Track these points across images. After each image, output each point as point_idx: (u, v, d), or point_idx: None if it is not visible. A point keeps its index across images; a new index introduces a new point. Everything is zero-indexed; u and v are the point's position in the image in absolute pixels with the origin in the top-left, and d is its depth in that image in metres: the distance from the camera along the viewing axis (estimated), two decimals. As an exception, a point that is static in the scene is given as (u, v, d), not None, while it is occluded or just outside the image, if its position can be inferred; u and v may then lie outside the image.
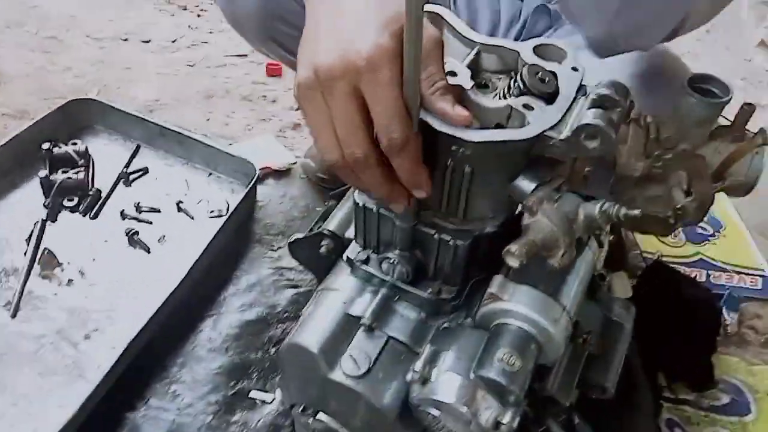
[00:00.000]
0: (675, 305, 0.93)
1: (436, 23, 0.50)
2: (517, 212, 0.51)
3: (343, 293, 0.55)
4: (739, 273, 1.07)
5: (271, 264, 0.97)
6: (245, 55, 1.43)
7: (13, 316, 0.85)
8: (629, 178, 0.51)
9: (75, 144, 1.06)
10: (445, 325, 0.55)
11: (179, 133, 1.09)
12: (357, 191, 0.53)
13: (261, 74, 1.37)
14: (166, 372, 0.83)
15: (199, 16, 1.54)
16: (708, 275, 1.06)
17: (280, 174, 1.11)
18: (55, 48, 1.35)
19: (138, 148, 1.12)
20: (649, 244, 1.11)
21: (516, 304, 0.50)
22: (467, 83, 0.44)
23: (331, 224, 0.59)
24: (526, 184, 0.46)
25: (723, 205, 1.22)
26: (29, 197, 1.01)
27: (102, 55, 1.36)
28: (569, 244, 0.47)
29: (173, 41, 1.44)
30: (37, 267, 0.91)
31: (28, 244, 0.93)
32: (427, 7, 0.51)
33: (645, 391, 0.84)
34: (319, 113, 0.42)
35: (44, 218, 0.98)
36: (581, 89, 0.46)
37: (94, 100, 1.13)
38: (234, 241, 0.99)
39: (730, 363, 0.94)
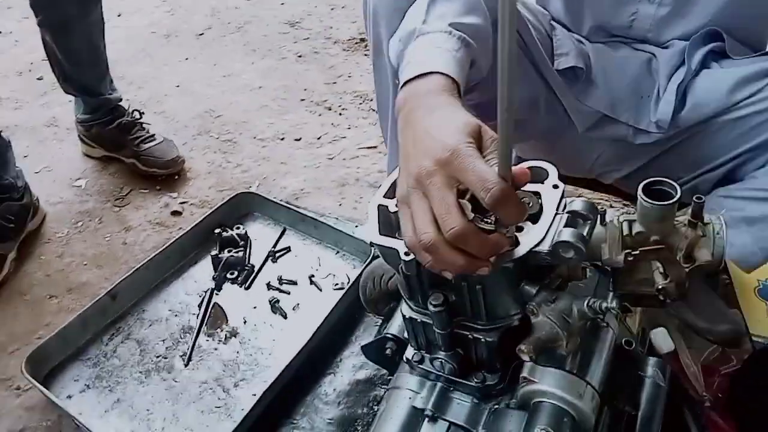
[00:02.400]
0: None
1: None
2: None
3: (406, 390, 0.69)
4: None
5: (380, 332, 1.15)
6: (375, 147, 1.67)
7: (186, 364, 1.13)
8: (617, 269, 0.60)
9: (238, 228, 1.36)
10: (496, 406, 0.66)
11: (315, 219, 1.34)
12: (403, 304, 0.67)
13: (386, 163, 1.60)
14: (291, 418, 1.03)
15: (340, 114, 1.83)
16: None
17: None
18: (230, 149, 1.71)
19: (284, 230, 1.38)
20: (761, 327, 1.08)
21: (545, 385, 0.61)
22: (469, 214, 0.55)
23: (393, 328, 0.75)
24: (530, 288, 0.58)
25: None
26: (204, 271, 1.31)
27: (265, 152, 1.69)
28: (570, 335, 0.59)
29: (318, 138, 1.74)
30: (204, 327, 1.19)
31: (200, 309, 1.22)
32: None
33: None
34: (419, 204, 0.53)
35: (213, 288, 1.26)
36: (560, 204, 0.58)
37: (254, 192, 1.43)
38: (352, 310, 1.19)
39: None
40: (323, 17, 2.36)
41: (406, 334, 0.73)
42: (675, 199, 0.53)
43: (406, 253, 0.57)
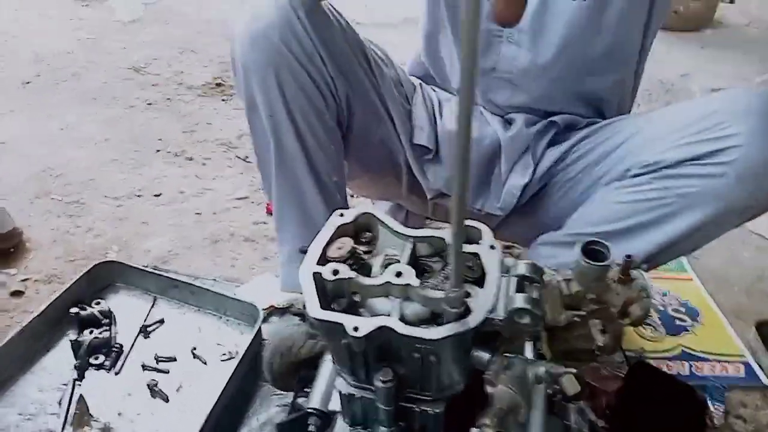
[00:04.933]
0: (659, 405, 0.99)
1: (370, 222, 0.62)
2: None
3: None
4: (721, 362, 1.13)
5: (279, 401, 1.05)
6: (246, 197, 1.58)
7: (49, 479, 0.94)
8: (557, 326, 0.61)
9: (98, 303, 1.19)
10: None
11: (190, 284, 1.21)
12: (338, 379, 0.62)
13: (261, 214, 1.52)
14: None
15: (203, 164, 1.72)
16: (691, 367, 1.12)
17: (282, 311, 1.22)
18: (77, 211, 1.51)
19: (155, 300, 1.24)
20: (630, 341, 1.18)
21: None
22: (414, 281, 0.54)
23: (314, 401, 0.68)
24: (482, 354, 0.56)
25: (698, 293, 1.29)
26: (61, 360, 1.11)
27: (120, 212, 1.52)
28: (527, 400, 0.57)
29: (181, 192, 1.60)
30: (69, 428, 1.01)
31: (60, 406, 1.03)
32: (360, 209, 0.64)
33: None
34: None
35: (74, 378, 1.08)
36: (502, 265, 0.57)
37: (114, 261, 1.26)
38: (245, 382, 1.08)
39: (720, 455, 0.98)
40: (172, 62, 2.23)
41: (331, 407, 0.67)
42: (609, 260, 0.55)
43: (355, 328, 0.52)
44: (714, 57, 2.51)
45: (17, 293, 1.27)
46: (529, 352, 0.62)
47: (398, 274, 0.55)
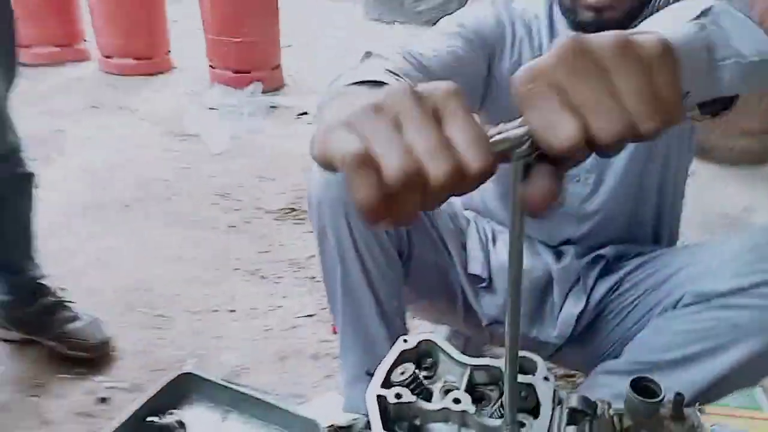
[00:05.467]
0: None
1: (432, 349, 0.70)
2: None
3: None
4: None
5: None
6: (313, 315, 1.69)
7: None
8: None
9: (172, 414, 1.27)
10: None
11: (258, 398, 1.29)
12: None
13: (326, 332, 1.61)
14: None
15: (276, 283, 1.85)
16: None
17: (344, 430, 1.26)
18: (161, 324, 1.66)
19: (226, 413, 1.31)
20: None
21: None
22: (471, 408, 0.60)
23: None
24: None
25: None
26: (135, 466, 1.19)
27: (198, 326, 1.65)
28: None
29: (253, 308, 1.73)
30: None
31: None
32: (422, 336, 0.71)
33: None
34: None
35: (146, 486, 1.14)
36: (555, 397, 0.63)
37: (190, 373, 1.36)
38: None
39: None
40: (252, 189, 2.47)
41: None
42: (661, 397, 0.59)
43: None
44: (776, 191, 2.53)
45: (103, 400, 1.38)
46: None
47: (456, 401, 0.61)
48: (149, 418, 1.25)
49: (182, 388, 1.36)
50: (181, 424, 1.27)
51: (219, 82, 3.66)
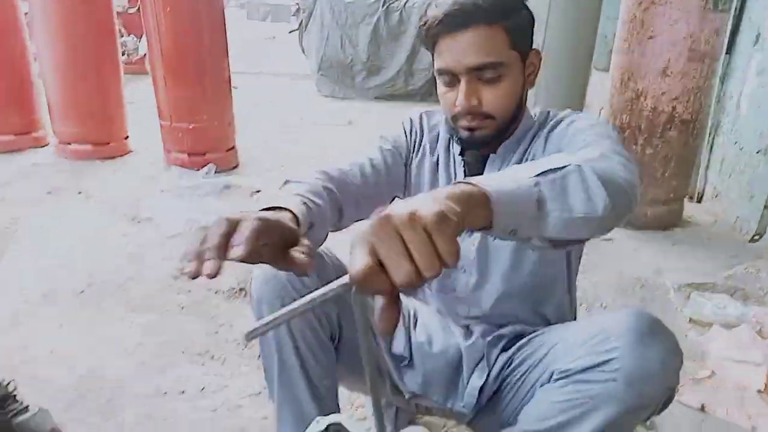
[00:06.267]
0: None
1: (340, 430, 0.84)
2: None
3: None
4: None
5: None
6: (259, 393, 1.79)
7: None
8: None
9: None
10: None
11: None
12: None
13: (270, 410, 1.70)
14: None
15: (223, 364, 1.95)
16: None
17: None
18: (112, 411, 1.73)
19: (169, 495, 1.39)
20: None
21: None
22: None
23: None
24: None
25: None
26: None
27: (146, 410, 1.72)
28: None
29: (201, 389, 1.82)
30: None
31: None
32: (332, 418, 0.85)
33: None
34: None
35: None
36: None
37: (138, 458, 1.45)
38: None
39: None
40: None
41: None
42: None
43: None
44: (684, 254, 2.79)
45: (51, 491, 1.44)
46: None
47: None
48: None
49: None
50: None
51: (174, 165, 3.82)
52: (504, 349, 1.28)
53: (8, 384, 1.63)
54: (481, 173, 1.24)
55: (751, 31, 3.08)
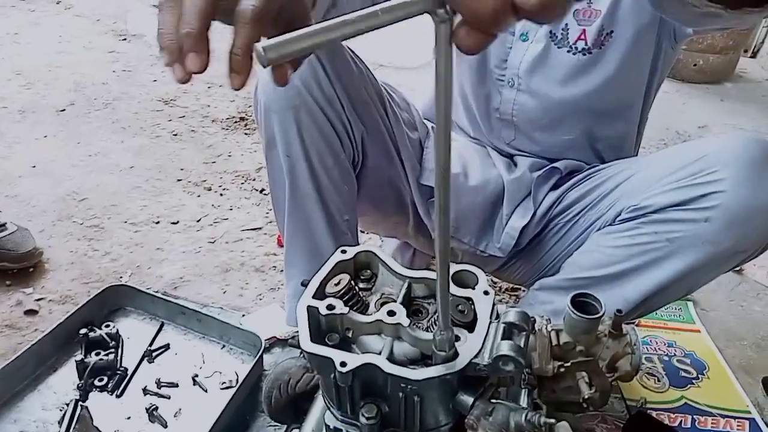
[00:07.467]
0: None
1: (371, 260, 0.64)
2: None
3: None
4: (725, 417, 1.10)
5: (276, 432, 1.06)
6: (259, 228, 1.62)
7: (44, 497, 0.95)
8: (545, 376, 0.61)
9: (108, 326, 1.22)
10: None
11: (197, 311, 1.24)
12: (328, 413, 0.63)
13: (273, 245, 1.55)
14: None
15: (221, 195, 1.76)
16: (693, 420, 1.10)
17: (285, 342, 1.23)
18: (97, 235, 1.56)
19: (162, 326, 1.26)
20: (632, 390, 1.16)
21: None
22: (405, 321, 0.56)
23: None
24: (466, 399, 0.57)
25: (705, 345, 1.27)
26: (66, 379, 1.14)
27: (137, 238, 1.56)
28: None
29: (198, 220, 1.65)
30: (67, 448, 1.02)
31: (60, 426, 1.05)
32: (361, 247, 0.66)
33: None
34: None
35: (77, 398, 1.10)
36: (494, 311, 0.58)
37: (125, 285, 1.30)
38: (242, 411, 1.09)
39: None
40: (200, 95, 2.31)
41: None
42: (600, 314, 0.55)
43: (342, 363, 0.53)
44: (733, 110, 2.51)
45: (31, 312, 1.31)
46: (524, 400, 0.62)
47: (390, 313, 0.57)
48: (81, 331, 1.19)
49: (116, 301, 1.30)
50: (115, 337, 1.21)
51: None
52: (554, 187, 1.08)
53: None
54: None
55: None
